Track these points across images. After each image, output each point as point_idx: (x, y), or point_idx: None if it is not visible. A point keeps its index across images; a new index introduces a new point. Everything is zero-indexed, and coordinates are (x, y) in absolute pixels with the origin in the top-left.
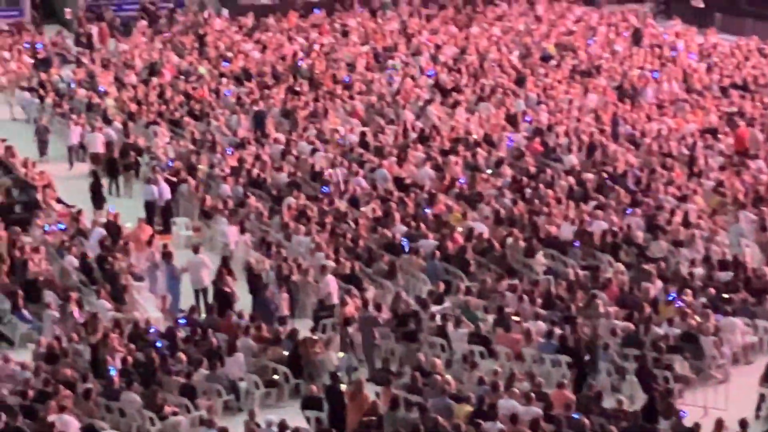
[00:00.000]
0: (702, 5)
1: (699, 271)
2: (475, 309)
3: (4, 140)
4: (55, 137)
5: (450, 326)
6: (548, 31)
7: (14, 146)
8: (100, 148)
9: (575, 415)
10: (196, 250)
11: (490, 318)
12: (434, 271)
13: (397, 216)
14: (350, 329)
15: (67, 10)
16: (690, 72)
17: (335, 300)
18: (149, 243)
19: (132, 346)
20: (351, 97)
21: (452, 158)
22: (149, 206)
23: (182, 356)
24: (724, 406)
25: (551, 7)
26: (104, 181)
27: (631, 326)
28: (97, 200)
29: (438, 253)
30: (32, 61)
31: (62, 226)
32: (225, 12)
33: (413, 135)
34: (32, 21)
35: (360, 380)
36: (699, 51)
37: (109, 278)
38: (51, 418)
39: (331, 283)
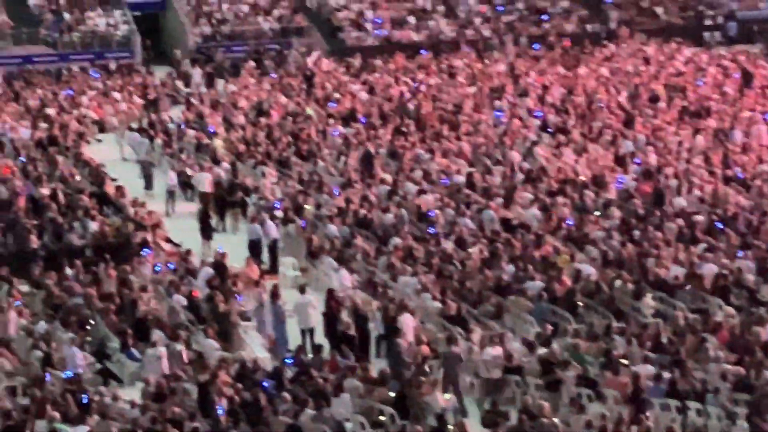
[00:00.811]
0: None
1: None
2: (583, 352)
3: (114, 180)
4: (161, 177)
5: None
6: (657, 72)
7: (124, 186)
8: (209, 188)
9: None
10: (302, 290)
11: (598, 361)
12: (541, 313)
13: (504, 257)
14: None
15: (177, 51)
16: None
17: (410, 338)
18: (257, 283)
19: (239, 385)
20: (458, 138)
21: (560, 199)
22: (253, 245)
23: (289, 396)
24: None
25: (660, 48)
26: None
27: (742, 371)
28: (206, 232)
29: (545, 294)
30: (142, 101)
31: (171, 265)
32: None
33: (520, 176)
34: (143, 62)
35: (464, 422)
36: None
37: (217, 317)
38: None
39: (407, 321)
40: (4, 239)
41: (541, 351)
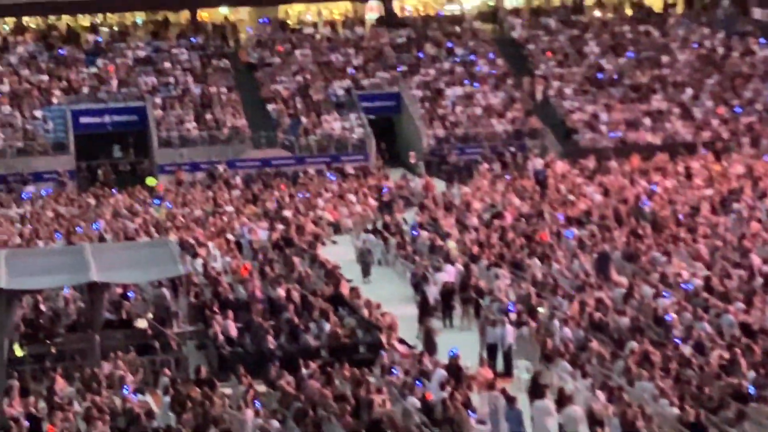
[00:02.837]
0: None
1: None
2: None
3: (349, 281)
4: (399, 280)
5: None
6: None
7: (359, 287)
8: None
9: None
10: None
11: None
12: None
13: (744, 363)
14: None
15: (411, 153)
16: None
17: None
18: (491, 386)
19: None
20: (695, 241)
21: None
22: (491, 349)
23: None
24: None
25: None
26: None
27: None
28: (423, 315)
29: None
30: (377, 203)
31: (396, 370)
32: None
33: (760, 280)
34: (377, 165)
35: None
36: None
37: (451, 421)
38: None
39: (576, 413)
40: (242, 339)
41: None
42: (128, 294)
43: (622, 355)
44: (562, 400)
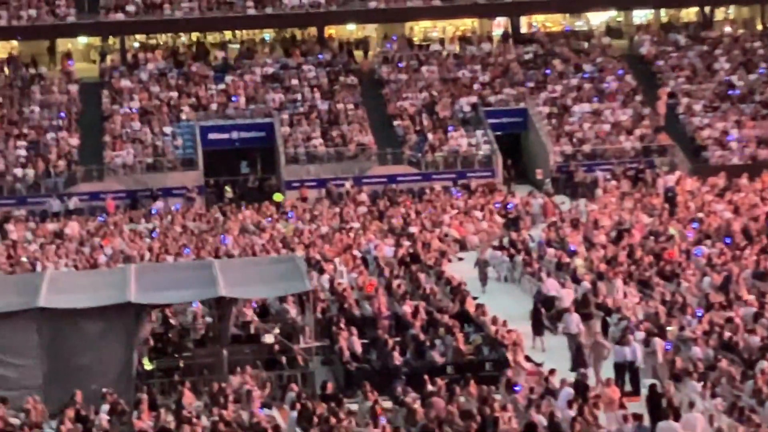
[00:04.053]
0: None
1: None
2: None
3: (475, 298)
4: (525, 297)
5: None
6: None
7: (485, 304)
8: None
9: None
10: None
11: None
12: None
13: None
14: None
15: (538, 170)
16: None
17: None
18: (619, 405)
19: None
20: None
21: None
22: (619, 368)
23: None
24: None
25: None
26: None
27: None
28: (537, 329)
29: None
30: (503, 220)
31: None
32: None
33: None
34: (504, 181)
35: None
36: None
37: None
38: None
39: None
40: (368, 355)
41: None
42: (268, 312)
43: (753, 374)
44: (677, 412)
